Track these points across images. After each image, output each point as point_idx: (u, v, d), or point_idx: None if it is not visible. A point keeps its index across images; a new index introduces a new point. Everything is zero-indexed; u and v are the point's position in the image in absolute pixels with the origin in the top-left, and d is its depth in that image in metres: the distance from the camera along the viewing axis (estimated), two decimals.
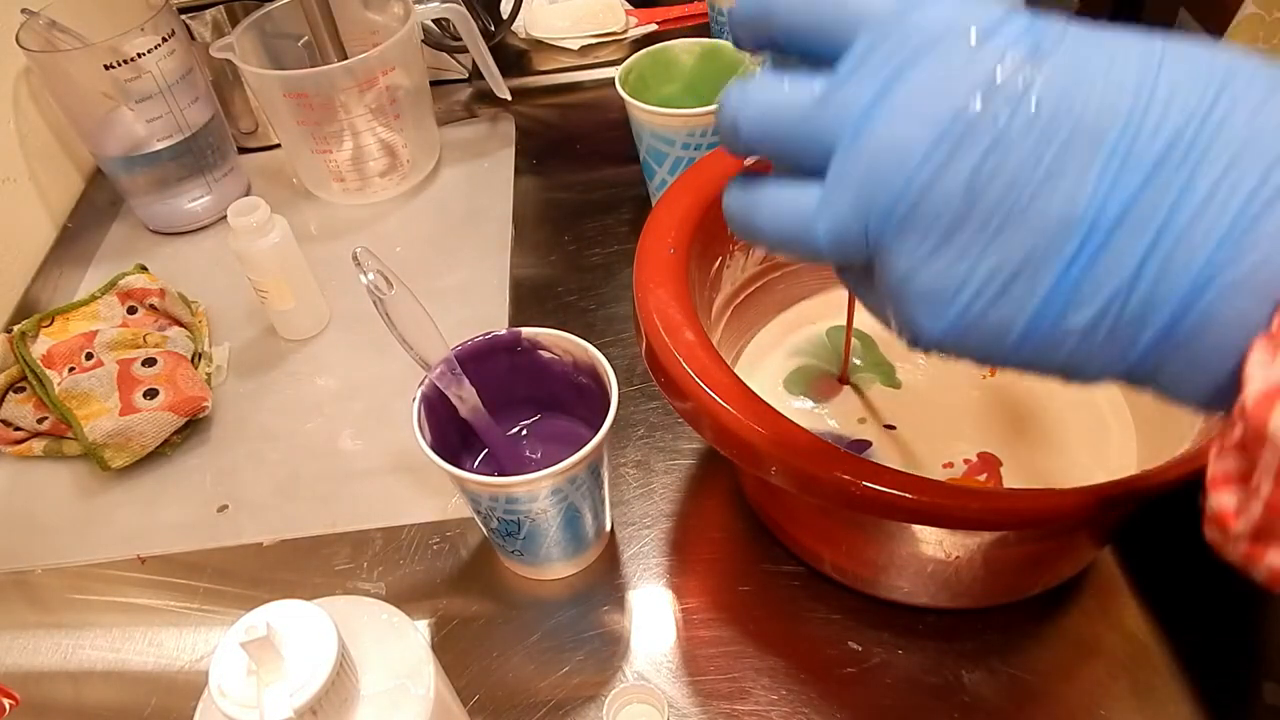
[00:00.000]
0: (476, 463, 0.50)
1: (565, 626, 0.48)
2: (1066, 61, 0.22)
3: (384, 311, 0.43)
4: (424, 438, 0.44)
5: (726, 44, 0.67)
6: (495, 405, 0.48)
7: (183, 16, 0.75)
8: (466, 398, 0.46)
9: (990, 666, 0.44)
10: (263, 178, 0.80)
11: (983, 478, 0.48)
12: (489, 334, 0.48)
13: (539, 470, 0.41)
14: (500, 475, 0.42)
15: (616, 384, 0.45)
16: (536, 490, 0.42)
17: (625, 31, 0.90)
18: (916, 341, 0.26)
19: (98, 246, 0.75)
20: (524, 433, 0.51)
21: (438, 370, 0.45)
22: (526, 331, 0.48)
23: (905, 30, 0.23)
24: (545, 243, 0.71)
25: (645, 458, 0.55)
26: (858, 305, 0.33)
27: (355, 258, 0.42)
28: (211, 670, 0.29)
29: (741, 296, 0.54)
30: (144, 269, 0.66)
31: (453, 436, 0.48)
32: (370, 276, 0.42)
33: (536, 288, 0.67)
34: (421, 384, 0.45)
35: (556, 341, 0.47)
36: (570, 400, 0.49)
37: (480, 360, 0.47)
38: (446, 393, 0.45)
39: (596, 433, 0.43)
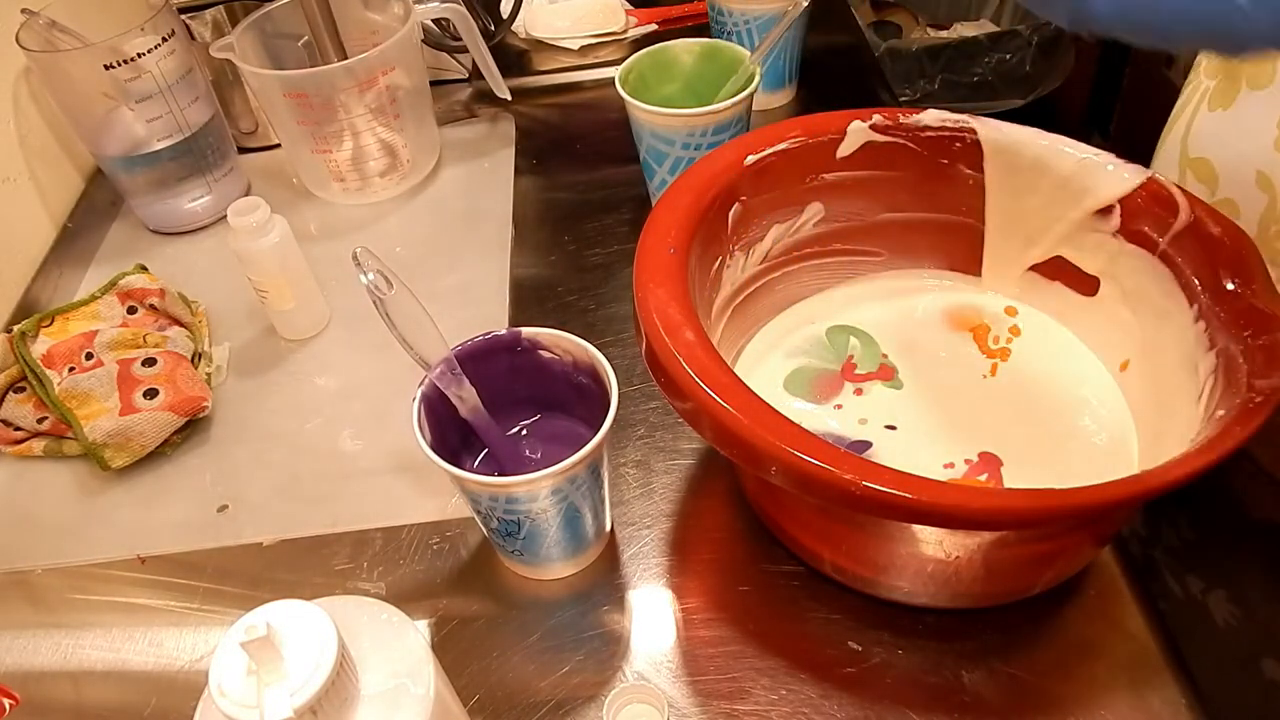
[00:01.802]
0: (476, 463, 0.50)
1: (565, 626, 0.48)
2: None
3: (384, 311, 0.43)
4: (424, 438, 0.44)
5: (726, 44, 0.67)
6: (495, 405, 0.48)
7: (183, 16, 0.75)
8: (466, 398, 0.46)
9: (990, 666, 0.44)
10: (263, 178, 0.80)
11: (983, 478, 0.48)
12: (489, 334, 0.48)
13: (539, 470, 0.41)
14: (500, 475, 0.42)
15: (616, 384, 0.45)
16: (536, 490, 0.42)
17: (625, 31, 0.90)
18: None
19: (98, 246, 0.75)
20: (524, 433, 0.51)
21: (438, 370, 0.45)
22: (526, 331, 0.48)
23: None
24: (545, 243, 0.71)
25: (645, 458, 0.55)
26: None
27: (355, 258, 0.42)
28: (211, 670, 0.29)
29: (741, 296, 0.54)
30: (144, 269, 0.66)
31: (453, 436, 0.48)
32: (370, 276, 0.42)
33: (536, 288, 0.67)
34: (421, 384, 0.45)
35: (556, 341, 0.47)
36: (570, 400, 0.49)
37: (480, 360, 0.47)
38: (446, 393, 0.45)
39: (596, 433, 0.43)
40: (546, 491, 0.43)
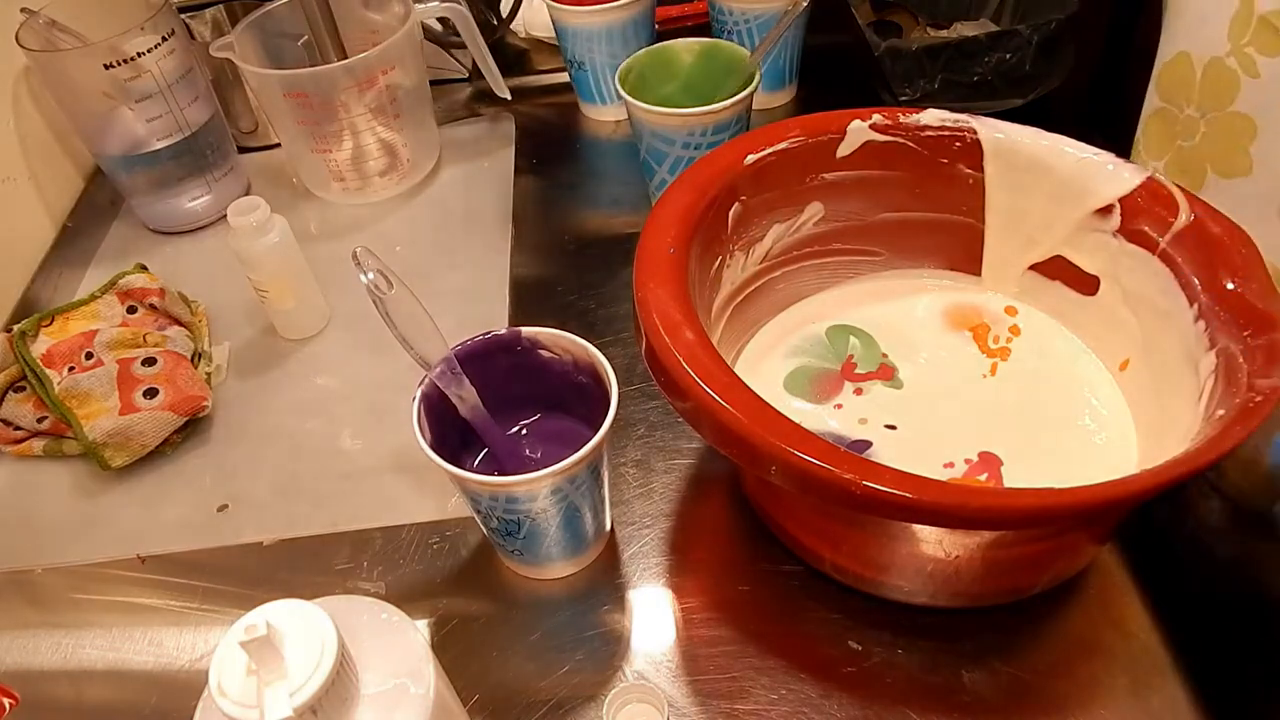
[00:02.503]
0: (476, 462, 0.50)
1: (565, 626, 0.48)
2: None
3: (384, 311, 0.43)
4: (424, 437, 0.44)
5: (726, 43, 0.67)
6: (495, 405, 0.48)
7: (183, 16, 0.75)
8: (466, 397, 0.46)
9: (990, 666, 0.44)
10: (263, 177, 0.80)
11: (983, 478, 0.48)
12: (489, 333, 0.48)
13: (539, 470, 0.41)
14: (500, 475, 0.42)
15: (616, 384, 0.45)
16: (536, 490, 0.42)
17: None
18: None
19: (98, 246, 0.75)
20: (524, 432, 0.51)
21: (437, 370, 0.45)
22: (526, 331, 0.48)
23: None
24: (545, 243, 0.71)
25: (645, 457, 0.55)
26: None
27: (355, 257, 0.42)
28: (211, 670, 0.29)
29: (741, 296, 0.54)
30: (144, 268, 0.66)
31: (453, 436, 0.48)
32: (370, 276, 0.42)
33: (536, 288, 0.67)
34: (421, 383, 0.45)
35: (556, 341, 0.47)
36: (570, 400, 0.49)
37: (480, 360, 0.47)
38: (446, 392, 0.45)
39: (596, 432, 0.43)
40: (546, 491, 0.43)
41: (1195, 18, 0.54)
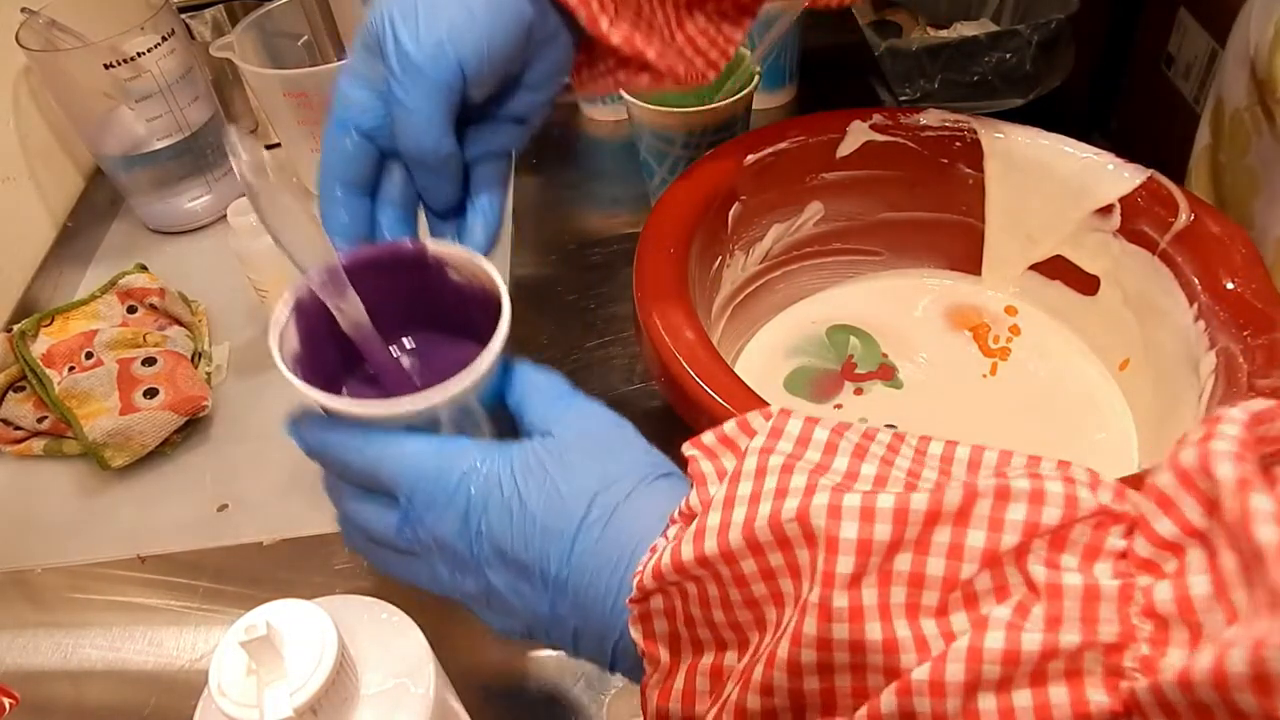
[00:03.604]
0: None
1: None
2: None
3: (258, 205, 0.35)
4: (279, 351, 0.36)
5: None
6: (389, 329, 0.39)
7: (183, 16, 0.75)
8: (348, 310, 0.37)
9: None
10: None
11: None
12: (389, 243, 0.40)
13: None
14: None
15: (509, 307, 0.35)
16: (395, 420, 0.34)
17: None
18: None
19: (98, 246, 0.75)
20: (417, 361, 0.41)
21: (316, 275, 0.37)
22: (433, 246, 0.38)
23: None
24: (545, 243, 0.71)
25: None
26: None
27: (227, 140, 0.33)
28: (211, 670, 0.29)
29: (741, 296, 0.55)
30: (144, 268, 0.66)
31: (329, 369, 0.40)
32: (244, 159, 0.33)
33: (536, 287, 0.67)
34: (296, 289, 0.38)
35: (466, 264, 0.38)
36: (483, 332, 0.36)
37: (375, 274, 0.38)
38: (326, 302, 0.37)
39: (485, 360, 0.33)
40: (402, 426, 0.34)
41: (1232, 66, 0.54)
